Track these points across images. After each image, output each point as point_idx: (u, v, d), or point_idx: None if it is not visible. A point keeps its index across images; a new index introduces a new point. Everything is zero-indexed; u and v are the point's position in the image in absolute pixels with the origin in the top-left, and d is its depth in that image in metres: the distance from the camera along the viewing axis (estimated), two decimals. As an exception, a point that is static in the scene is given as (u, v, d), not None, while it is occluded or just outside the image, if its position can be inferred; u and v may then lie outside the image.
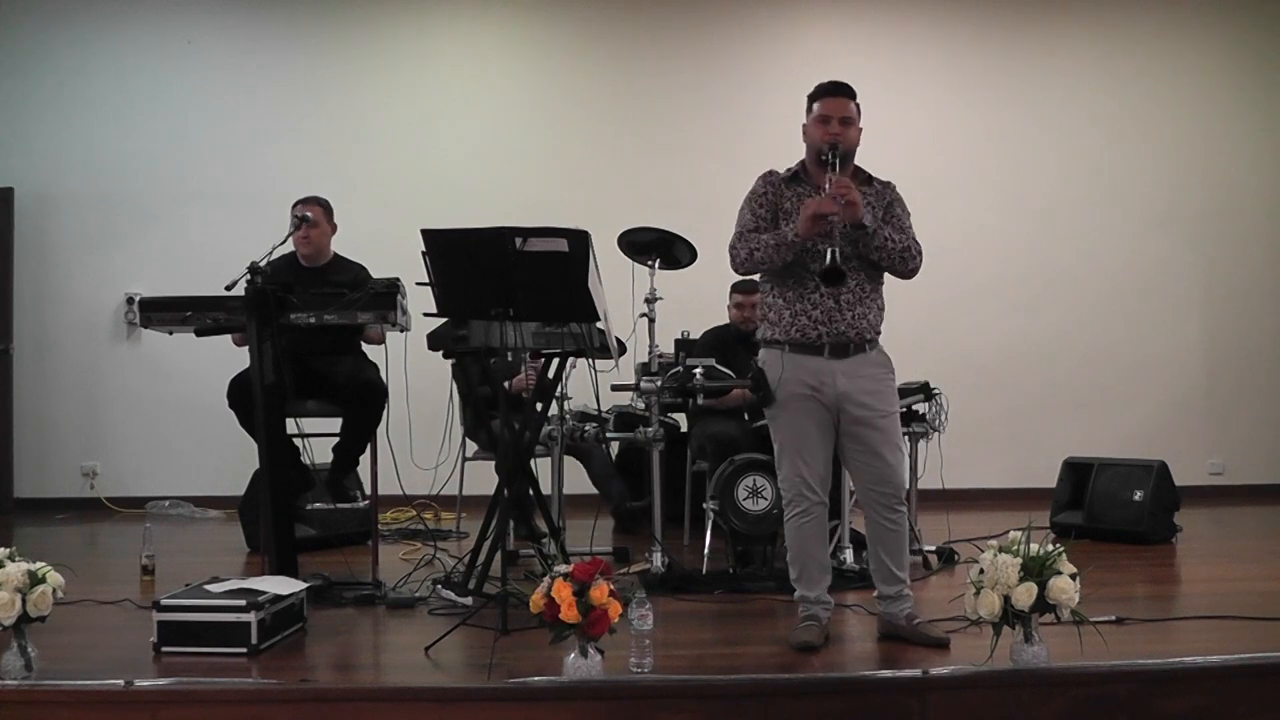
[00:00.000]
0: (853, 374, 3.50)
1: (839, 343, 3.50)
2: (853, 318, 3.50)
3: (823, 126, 3.52)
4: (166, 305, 4.19)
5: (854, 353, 3.51)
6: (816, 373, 3.50)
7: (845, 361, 3.50)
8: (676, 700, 2.89)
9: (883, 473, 3.53)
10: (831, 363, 3.50)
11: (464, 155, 7.25)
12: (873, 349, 3.56)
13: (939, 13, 7.46)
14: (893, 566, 3.56)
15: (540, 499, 4.47)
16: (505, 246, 3.70)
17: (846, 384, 3.49)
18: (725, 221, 7.07)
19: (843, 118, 3.51)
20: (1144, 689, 2.91)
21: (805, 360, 3.52)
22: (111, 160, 7.21)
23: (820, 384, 3.50)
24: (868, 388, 3.51)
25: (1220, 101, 7.55)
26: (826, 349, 3.50)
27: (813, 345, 3.51)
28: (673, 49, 7.41)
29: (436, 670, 3.35)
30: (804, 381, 3.51)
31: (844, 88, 3.57)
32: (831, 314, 3.49)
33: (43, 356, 7.19)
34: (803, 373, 3.52)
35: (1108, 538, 5.42)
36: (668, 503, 4.96)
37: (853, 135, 3.54)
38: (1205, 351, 7.54)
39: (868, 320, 3.53)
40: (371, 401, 4.56)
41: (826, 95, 3.56)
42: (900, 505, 3.56)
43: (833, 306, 3.49)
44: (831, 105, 3.54)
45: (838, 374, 3.49)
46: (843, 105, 3.53)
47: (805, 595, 3.61)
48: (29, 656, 3.10)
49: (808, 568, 3.61)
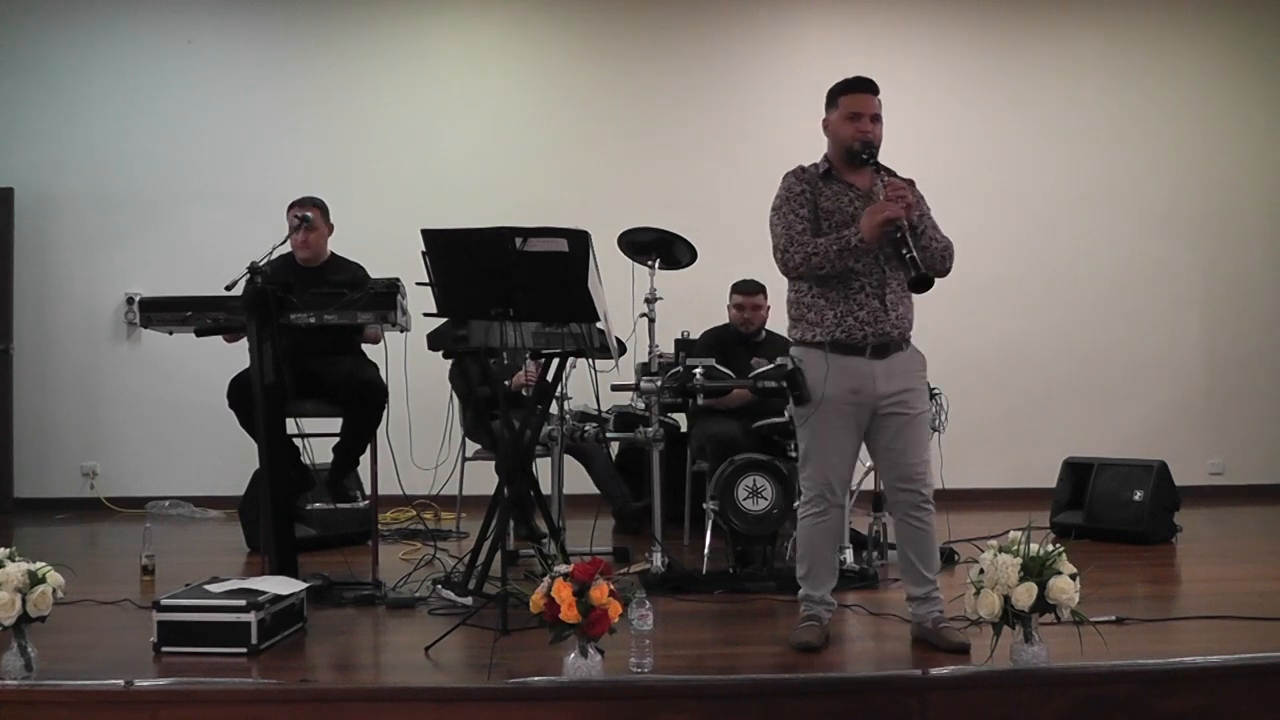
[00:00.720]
0: (891, 374, 3.48)
1: (881, 343, 3.47)
2: (895, 317, 3.47)
3: (853, 124, 3.49)
4: (166, 305, 4.19)
5: (893, 352, 3.49)
6: (856, 374, 3.46)
7: (884, 361, 3.48)
8: (676, 700, 2.88)
9: (909, 471, 3.51)
10: (872, 363, 3.47)
11: (464, 155, 7.26)
12: (908, 347, 3.55)
13: (939, 13, 7.46)
14: (921, 568, 3.54)
15: (540, 499, 4.48)
16: (505, 246, 3.70)
17: (885, 384, 3.47)
18: (725, 222, 7.10)
19: (873, 115, 3.50)
20: (1144, 689, 2.91)
21: (846, 361, 3.47)
22: (111, 160, 7.21)
23: (860, 385, 3.46)
24: (904, 386, 3.49)
25: (1220, 101, 7.56)
26: (869, 349, 3.46)
27: (855, 346, 3.47)
28: (673, 49, 7.41)
29: (436, 670, 3.35)
30: (844, 383, 3.47)
31: (871, 84, 3.55)
32: (877, 314, 3.45)
33: (43, 356, 7.19)
34: (843, 374, 3.47)
35: (1108, 538, 5.42)
36: (668, 503, 4.96)
37: (880, 132, 3.53)
38: (1205, 351, 7.54)
39: (907, 320, 3.52)
40: (371, 401, 4.56)
41: (855, 91, 3.53)
42: (928, 505, 3.53)
43: (878, 307, 3.45)
44: (861, 102, 3.51)
45: (877, 375, 3.46)
46: (871, 102, 3.52)
47: (809, 595, 3.60)
48: (29, 656, 3.10)
49: (816, 567, 3.60)
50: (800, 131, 7.24)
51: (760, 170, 7.30)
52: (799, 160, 3.68)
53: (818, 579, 3.60)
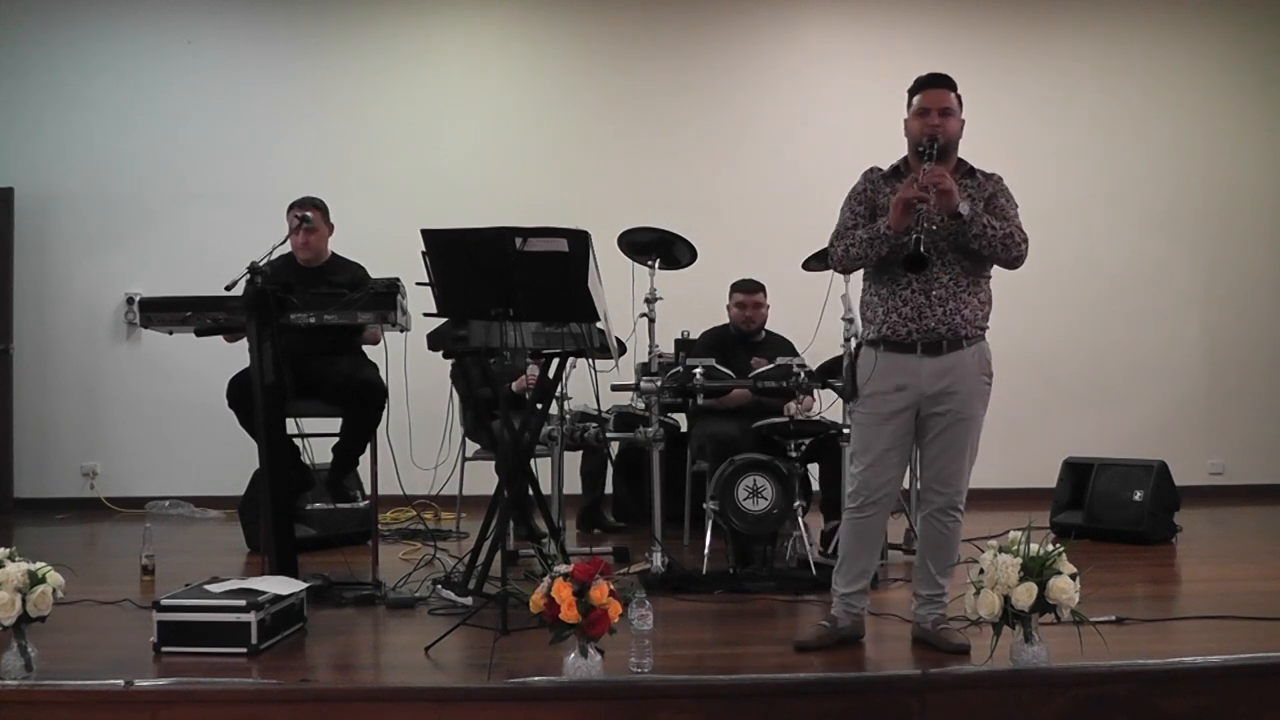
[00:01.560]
0: (942, 373, 3.43)
1: (930, 340, 3.42)
2: (943, 313, 3.42)
3: (922, 119, 3.47)
4: (166, 305, 4.19)
5: (948, 350, 3.43)
6: (905, 371, 3.45)
7: (938, 360, 3.43)
8: (676, 700, 2.88)
9: (942, 474, 3.50)
10: (923, 361, 3.43)
11: (464, 155, 7.25)
12: (970, 345, 3.46)
13: (939, 13, 7.45)
14: (933, 569, 3.53)
15: (540, 499, 4.48)
16: (505, 246, 3.70)
17: (933, 383, 3.43)
18: (725, 222, 7.11)
19: (942, 109, 3.46)
20: (1144, 689, 2.91)
21: (897, 358, 3.46)
22: (111, 160, 7.21)
23: (906, 382, 3.44)
24: (953, 388, 3.44)
25: (1220, 101, 7.55)
26: (919, 346, 3.43)
27: (904, 343, 3.44)
28: (673, 49, 7.40)
29: (436, 670, 3.35)
30: (890, 379, 3.46)
31: (944, 79, 3.52)
32: (922, 310, 3.42)
33: (43, 356, 7.19)
34: (892, 371, 3.46)
35: (1108, 538, 5.42)
36: (668, 503, 4.96)
37: (953, 126, 3.48)
38: (1205, 351, 7.54)
39: (961, 316, 3.43)
40: (371, 401, 4.55)
41: (926, 87, 3.51)
42: (955, 510, 3.51)
43: (923, 302, 3.42)
44: (931, 97, 3.48)
45: (926, 372, 3.43)
46: (942, 96, 3.48)
47: (835, 588, 3.59)
48: (29, 656, 3.10)
49: (848, 562, 3.58)
50: (800, 131, 7.31)
51: (760, 170, 7.39)
52: (798, 160, 3.70)
53: (847, 575, 3.57)
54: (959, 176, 3.50)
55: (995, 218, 3.45)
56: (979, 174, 3.57)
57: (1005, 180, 3.58)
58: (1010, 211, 3.51)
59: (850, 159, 3.99)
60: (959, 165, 3.55)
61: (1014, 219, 3.49)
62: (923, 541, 3.59)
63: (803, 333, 5.27)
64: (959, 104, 3.52)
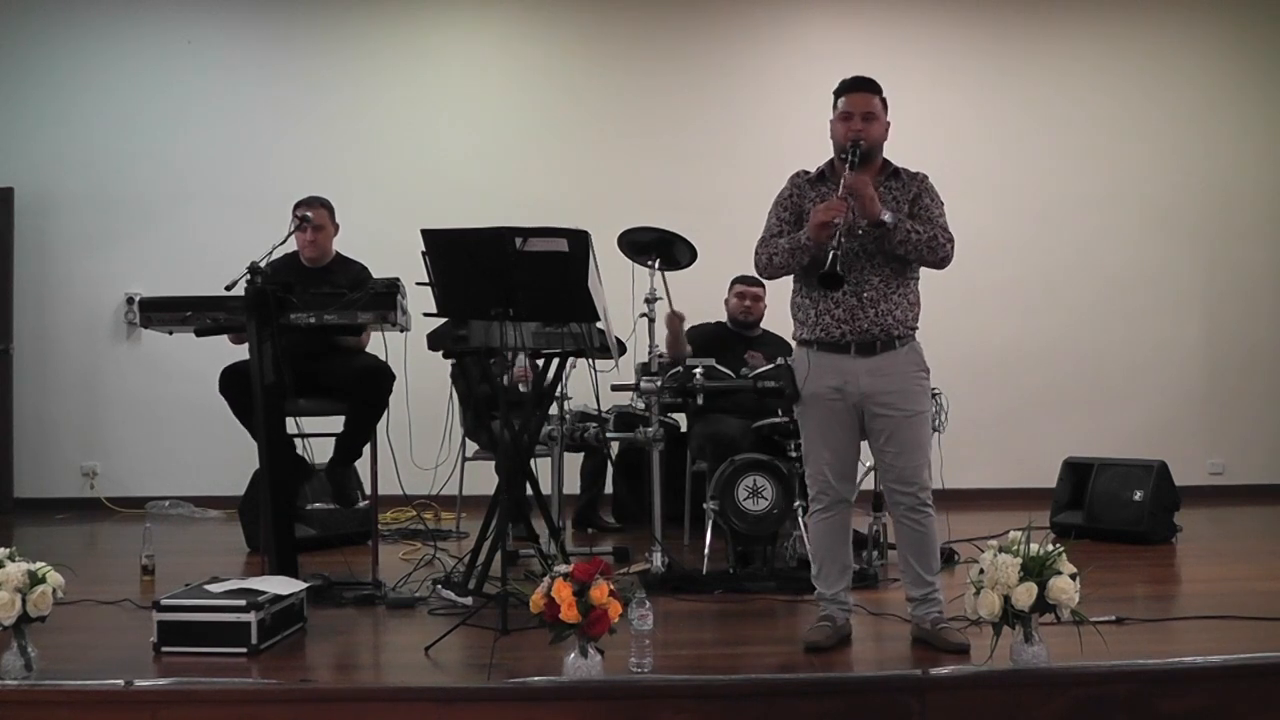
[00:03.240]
0: (877, 372, 3.47)
1: (863, 341, 3.46)
2: (875, 315, 3.46)
3: (845, 124, 3.50)
4: (166, 305, 4.18)
5: (881, 350, 3.47)
6: (841, 371, 3.49)
7: (871, 360, 3.47)
8: (676, 700, 2.89)
9: (904, 473, 3.51)
10: (857, 361, 3.47)
11: (464, 155, 7.25)
12: (903, 345, 3.50)
13: (939, 13, 7.46)
14: (919, 569, 3.54)
15: (540, 499, 4.47)
16: (505, 246, 3.70)
17: (870, 382, 3.46)
18: (725, 221, 7.09)
19: (864, 113, 3.48)
20: (1144, 689, 2.91)
21: (831, 359, 3.50)
22: (111, 160, 7.21)
23: (844, 383, 3.48)
24: (892, 386, 3.47)
25: (1221, 101, 7.55)
26: (852, 347, 3.47)
27: (838, 344, 3.49)
28: (673, 48, 7.41)
29: (436, 670, 3.35)
30: (828, 381, 3.50)
31: (866, 82, 3.54)
32: (854, 311, 3.46)
33: (43, 356, 7.19)
34: (828, 372, 3.50)
35: (1108, 538, 5.41)
36: (668, 503, 4.96)
37: (876, 130, 3.50)
38: (1205, 351, 7.54)
39: (893, 317, 3.47)
40: (380, 383, 4.49)
41: (848, 91, 3.54)
42: (924, 507, 3.52)
43: (855, 304, 3.46)
44: (853, 101, 3.51)
45: (861, 373, 3.47)
46: (864, 100, 3.50)
47: (822, 593, 3.61)
48: (29, 656, 3.10)
49: (825, 565, 3.60)
50: (800, 131, 7.25)
51: (760, 170, 7.30)
52: (798, 159, 3.69)
53: (828, 577, 3.60)
54: (883, 179, 3.53)
55: (919, 221, 3.47)
56: (903, 174, 3.58)
57: (1003, 177, 3.56)
58: (935, 211, 3.52)
59: (850, 159, 3.99)
60: (884, 167, 3.57)
61: (938, 219, 3.51)
62: (902, 544, 3.60)
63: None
64: (883, 107, 3.55)
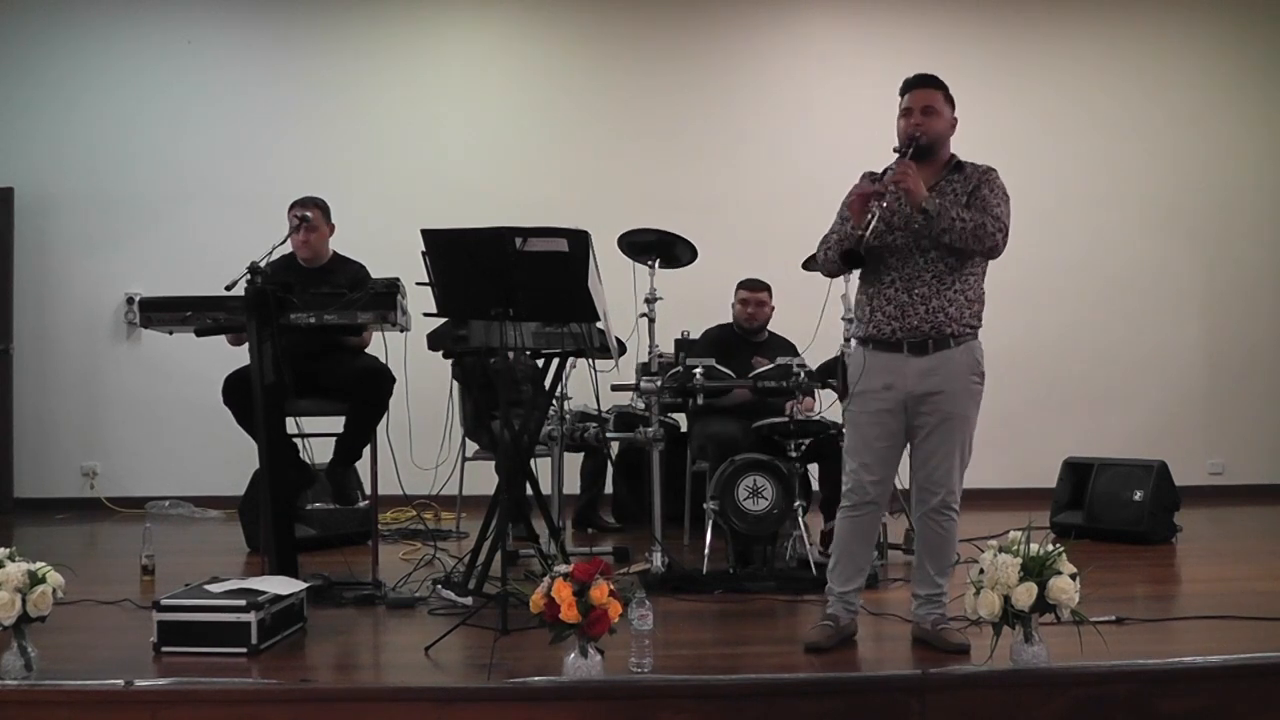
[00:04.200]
0: (929, 373, 3.42)
1: (915, 339, 3.42)
2: (926, 311, 3.41)
3: (904, 120, 3.50)
4: (166, 305, 4.18)
5: (935, 349, 3.42)
6: (891, 370, 3.45)
7: (924, 359, 3.42)
8: (676, 700, 2.89)
9: (934, 475, 3.49)
10: (910, 360, 3.43)
11: (464, 155, 7.26)
12: (958, 344, 3.43)
13: (940, 14, 7.45)
14: (931, 570, 3.53)
15: (540, 499, 4.47)
16: (505, 246, 3.70)
17: (918, 382, 3.43)
18: (726, 222, 7.08)
19: (924, 107, 3.47)
20: (1144, 689, 2.91)
21: (884, 357, 3.48)
22: (111, 160, 7.21)
23: (893, 381, 3.45)
24: (942, 387, 3.43)
25: (1221, 102, 7.56)
26: (905, 345, 3.44)
27: (889, 341, 3.45)
28: (673, 48, 7.41)
29: (436, 670, 3.35)
30: (878, 379, 3.48)
31: (927, 79, 3.53)
32: (904, 308, 3.43)
33: (43, 356, 7.19)
34: (879, 370, 3.48)
35: (1108, 538, 5.41)
36: (668, 503, 4.96)
37: (936, 125, 3.48)
38: (1205, 351, 7.54)
39: (945, 314, 3.41)
40: (380, 386, 4.50)
41: (910, 89, 3.53)
42: (948, 510, 3.49)
43: (906, 300, 3.42)
44: (914, 97, 3.50)
45: (912, 373, 3.43)
46: (924, 95, 3.50)
47: (831, 588, 3.60)
48: (29, 656, 3.10)
49: (842, 561, 3.60)
50: (800, 131, 7.31)
51: (760, 170, 7.38)
52: (798, 160, 3.69)
53: (842, 574, 3.58)
54: (946, 173, 3.51)
55: (971, 210, 3.42)
56: (968, 168, 3.55)
57: (1003, 177, 3.55)
58: (992, 202, 3.46)
59: (850, 159, 4.00)
60: (949, 161, 3.55)
61: (993, 209, 3.44)
62: (919, 542, 3.60)
63: (803, 333, 5.27)
64: (947, 102, 3.53)
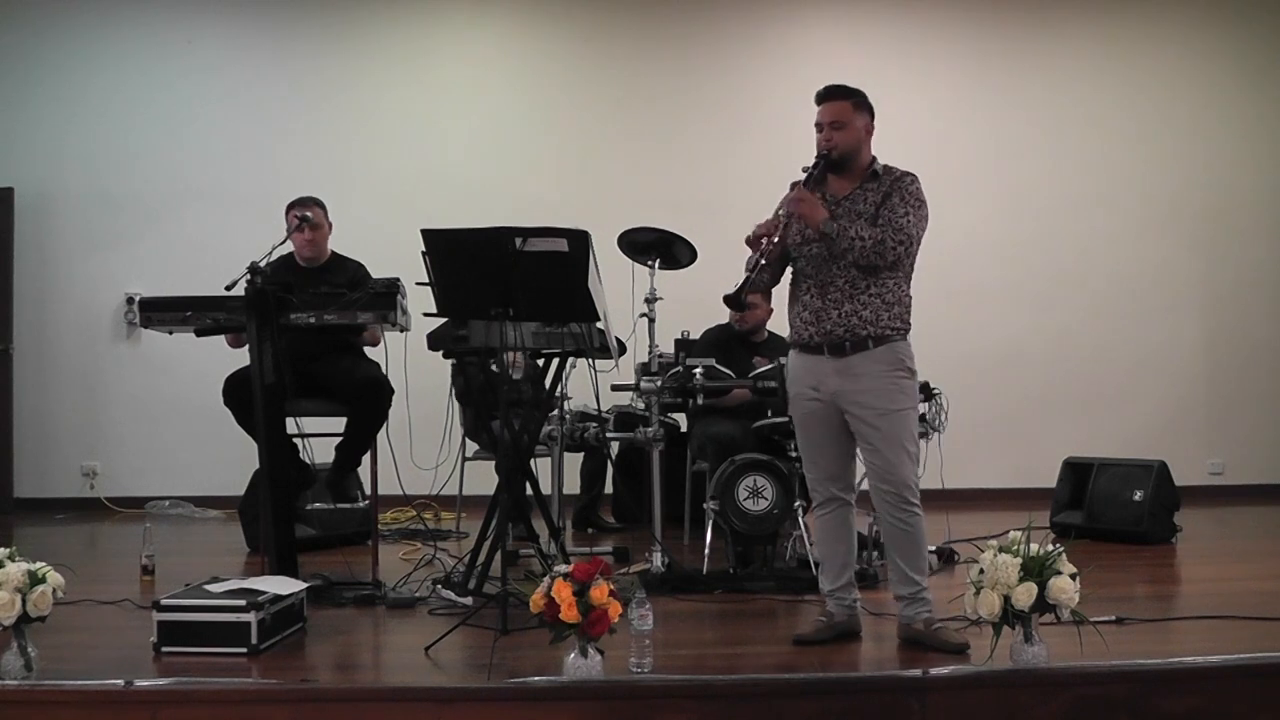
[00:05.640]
0: (848, 372, 3.48)
1: (832, 342, 3.49)
2: (839, 315, 3.47)
3: (818, 134, 3.54)
4: (166, 305, 4.18)
5: (852, 351, 3.48)
6: (815, 372, 3.54)
7: (843, 360, 3.49)
8: (676, 700, 2.89)
9: (883, 471, 3.50)
10: (830, 361, 3.51)
11: (464, 155, 7.26)
12: (877, 345, 3.47)
13: (940, 15, 7.46)
14: (905, 568, 3.53)
15: (540, 499, 4.47)
16: (505, 246, 3.70)
17: (840, 383, 3.49)
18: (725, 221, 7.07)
19: (831, 121, 3.51)
20: (1144, 689, 2.91)
21: (807, 360, 3.57)
22: (111, 160, 7.21)
23: (818, 383, 3.53)
24: (864, 386, 3.47)
25: (1221, 102, 7.55)
26: (824, 348, 3.51)
27: (810, 345, 3.54)
28: (673, 49, 7.41)
29: (436, 670, 3.35)
30: (805, 380, 3.57)
31: (835, 91, 3.54)
32: (819, 313, 3.50)
33: (43, 356, 7.19)
34: (805, 373, 3.58)
35: (1108, 538, 5.41)
36: (668, 503, 4.96)
37: (845, 137, 3.50)
38: (1205, 351, 7.54)
39: (859, 317, 3.46)
40: (378, 399, 4.53)
41: (819, 101, 3.55)
42: (908, 505, 3.50)
43: (820, 306, 3.50)
44: (823, 112, 3.53)
45: (832, 373, 3.50)
46: (833, 110, 3.51)
47: (823, 588, 3.67)
48: (29, 656, 3.10)
49: (825, 561, 3.67)
50: (800, 131, 7.28)
51: (760, 170, 7.29)
52: (798, 160, 3.68)
53: (828, 573, 3.66)
54: (862, 182, 3.54)
55: (875, 225, 3.44)
56: (884, 175, 3.55)
57: (1000, 178, 3.57)
58: (899, 211, 3.46)
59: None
60: (868, 168, 3.56)
61: (899, 219, 3.44)
62: (886, 543, 3.60)
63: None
64: (860, 109, 3.54)
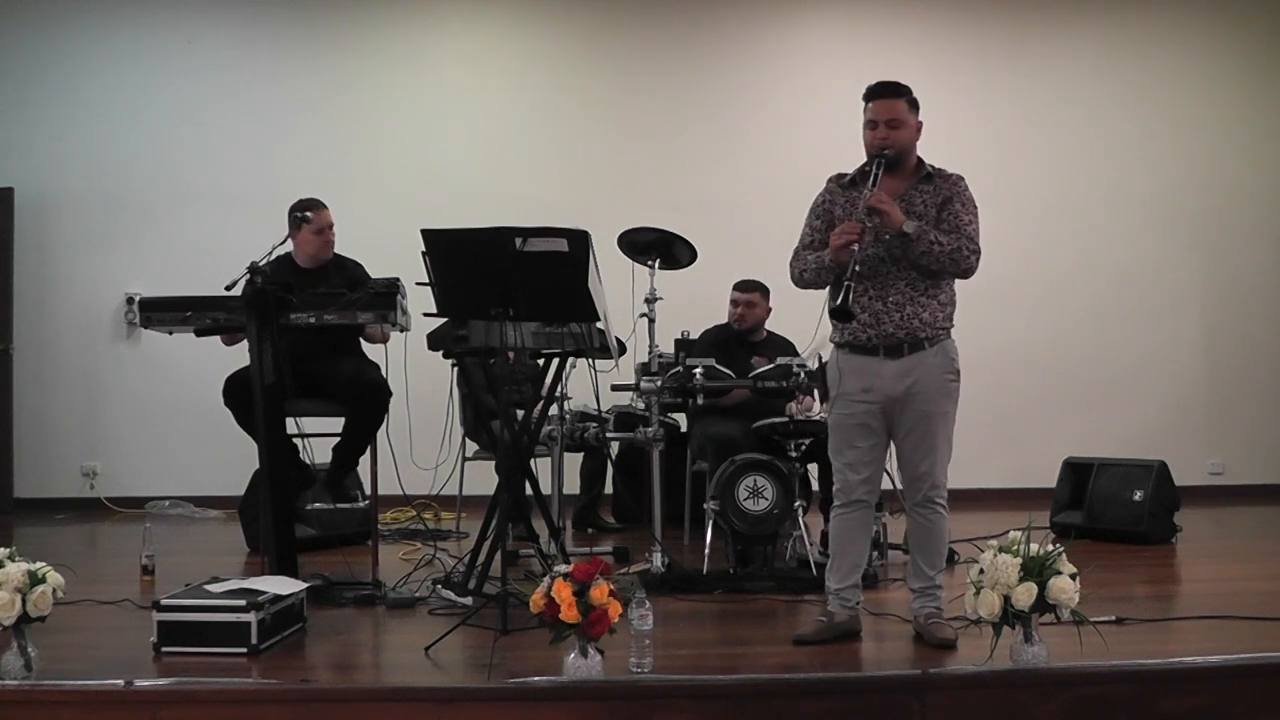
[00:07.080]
0: (904, 374, 3.49)
1: (890, 344, 3.49)
2: (901, 318, 3.48)
3: (871, 132, 3.51)
4: (166, 305, 4.19)
5: (909, 353, 3.49)
6: (869, 374, 3.53)
7: (899, 362, 3.50)
8: (676, 700, 2.89)
9: (918, 469, 3.55)
10: (886, 363, 3.50)
11: (464, 155, 7.26)
12: (932, 346, 3.51)
13: (940, 15, 7.45)
14: (921, 563, 3.60)
15: (540, 499, 4.47)
16: (505, 246, 3.70)
17: (895, 384, 3.49)
18: (725, 222, 7.07)
19: (888, 120, 3.48)
20: (1144, 689, 2.91)
21: (860, 361, 3.55)
22: (111, 160, 7.21)
23: (872, 385, 3.52)
24: (917, 388, 3.49)
25: (1220, 101, 7.55)
26: (880, 350, 3.51)
27: (865, 346, 3.53)
28: (674, 48, 7.41)
29: (436, 670, 3.35)
30: (856, 383, 3.55)
31: (891, 88, 3.52)
32: (880, 316, 3.49)
33: (43, 356, 7.19)
34: (857, 374, 3.55)
35: (1108, 538, 5.41)
36: (668, 503, 4.96)
37: (902, 136, 3.49)
38: (1205, 351, 7.54)
39: (920, 319, 3.48)
40: (376, 401, 4.53)
41: (873, 98, 3.52)
42: (933, 504, 3.56)
43: (880, 309, 3.49)
44: (878, 108, 3.50)
45: (889, 375, 3.50)
46: (889, 107, 3.49)
47: (828, 584, 3.67)
48: (29, 656, 3.10)
49: (837, 559, 3.67)
50: (800, 131, 7.30)
51: (761, 170, 7.38)
52: (798, 160, 3.70)
53: (838, 571, 3.65)
54: (915, 182, 3.54)
55: (944, 231, 3.46)
56: (937, 178, 3.57)
57: (1002, 178, 3.58)
58: (964, 218, 3.50)
59: (851, 159, 3.97)
60: (918, 168, 3.57)
61: (966, 226, 3.49)
62: (910, 536, 3.69)
63: (803, 333, 5.25)
64: (911, 108, 3.54)
